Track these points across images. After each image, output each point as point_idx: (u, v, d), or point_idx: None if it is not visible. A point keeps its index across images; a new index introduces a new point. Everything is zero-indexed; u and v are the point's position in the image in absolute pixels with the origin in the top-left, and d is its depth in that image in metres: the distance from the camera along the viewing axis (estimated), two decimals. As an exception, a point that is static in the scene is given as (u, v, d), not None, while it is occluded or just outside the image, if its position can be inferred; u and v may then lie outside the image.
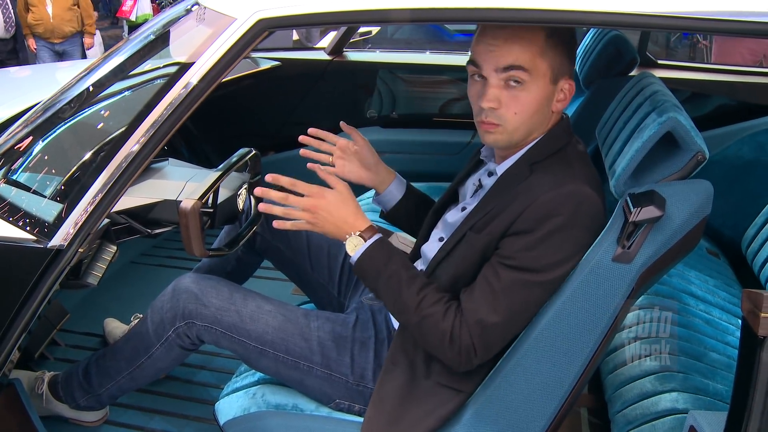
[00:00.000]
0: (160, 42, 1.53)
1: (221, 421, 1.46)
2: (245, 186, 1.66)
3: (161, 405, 1.85)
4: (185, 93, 1.21)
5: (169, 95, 1.21)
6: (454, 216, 1.38)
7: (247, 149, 1.66)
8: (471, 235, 1.25)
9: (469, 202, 1.37)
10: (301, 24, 1.19)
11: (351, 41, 3.12)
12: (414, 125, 3.06)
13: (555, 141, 1.26)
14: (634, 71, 2.51)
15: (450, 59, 3.19)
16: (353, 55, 3.10)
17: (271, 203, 1.26)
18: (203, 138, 3.00)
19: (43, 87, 2.14)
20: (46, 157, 1.54)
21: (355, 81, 3.16)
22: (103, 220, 1.29)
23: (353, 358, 1.42)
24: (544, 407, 1.23)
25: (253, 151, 1.67)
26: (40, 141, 1.52)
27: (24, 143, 1.51)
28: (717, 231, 2.29)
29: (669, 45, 5.89)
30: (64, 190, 1.37)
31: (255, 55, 3.01)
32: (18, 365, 1.68)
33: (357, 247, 1.24)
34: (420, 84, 3.25)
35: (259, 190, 1.24)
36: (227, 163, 1.57)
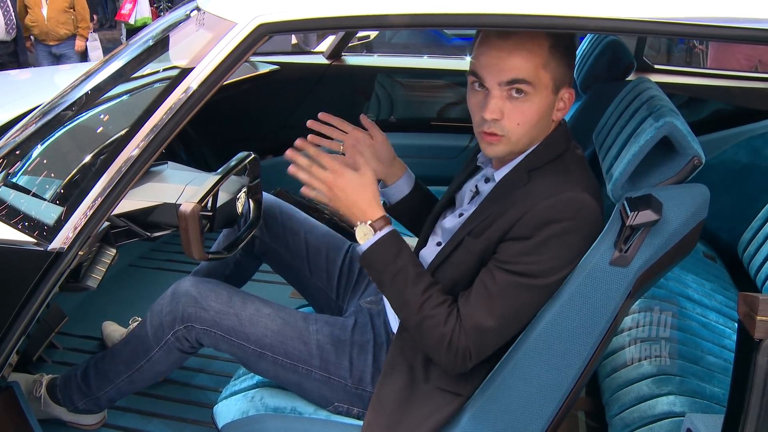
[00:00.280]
0: (160, 46, 1.53)
1: (220, 425, 1.46)
2: (244, 189, 1.66)
3: (159, 408, 1.85)
4: (185, 98, 1.20)
5: (169, 100, 1.21)
6: (451, 222, 1.38)
7: (246, 153, 1.66)
8: (469, 241, 1.25)
9: (467, 208, 1.37)
10: (301, 29, 1.19)
11: (349, 45, 3.13)
12: (412, 129, 3.07)
13: (553, 148, 1.25)
14: (631, 76, 2.53)
15: (448, 63, 3.20)
16: (352, 60, 3.11)
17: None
18: (202, 141, 3.01)
19: (44, 90, 2.14)
20: (45, 161, 1.54)
21: (354, 85, 3.16)
22: (103, 223, 1.29)
23: (352, 361, 1.42)
24: (541, 410, 1.23)
25: (252, 155, 1.67)
26: (40, 144, 1.53)
27: (24, 146, 1.52)
28: (713, 235, 2.30)
29: (670, 51, 5.91)
30: (64, 193, 1.38)
31: (254, 59, 3.02)
32: (16, 368, 1.68)
33: (366, 237, 1.23)
34: (418, 88, 3.26)
35: (291, 151, 1.28)
36: (226, 167, 1.57)
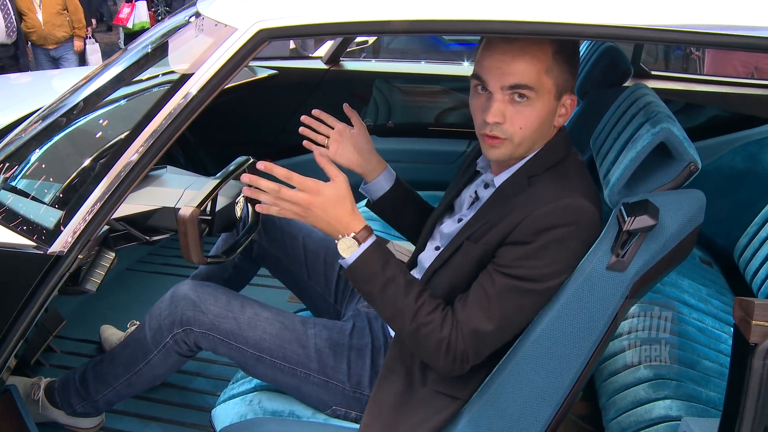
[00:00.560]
0: (160, 51, 1.54)
1: (218, 428, 1.46)
2: (243, 194, 1.67)
3: (158, 412, 1.85)
4: (185, 103, 1.21)
5: (169, 105, 1.22)
6: (450, 227, 1.39)
7: (245, 157, 1.67)
8: (468, 245, 1.25)
9: (466, 213, 1.38)
10: (301, 34, 1.20)
11: (347, 50, 3.14)
12: (410, 134, 3.07)
13: (554, 154, 1.26)
14: (628, 82, 2.54)
15: (446, 69, 3.21)
16: (350, 65, 3.12)
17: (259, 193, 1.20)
18: (200, 146, 3.01)
19: (44, 94, 2.14)
20: (45, 164, 1.54)
21: (352, 90, 3.17)
22: (103, 227, 1.29)
23: (350, 365, 1.42)
24: (539, 414, 1.23)
25: (251, 159, 1.67)
26: (40, 148, 1.53)
27: (24, 150, 1.52)
28: (710, 240, 2.31)
29: (667, 58, 5.93)
30: (63, 197, 1.38)
31: (252, 64, 3.02)
32: (14, 372, 1.69)
33: (350, 250, 1.20)
34: (416, 93, 3.26)
35: (247, 176, 1.17)
36: (225, 171, 1.57)
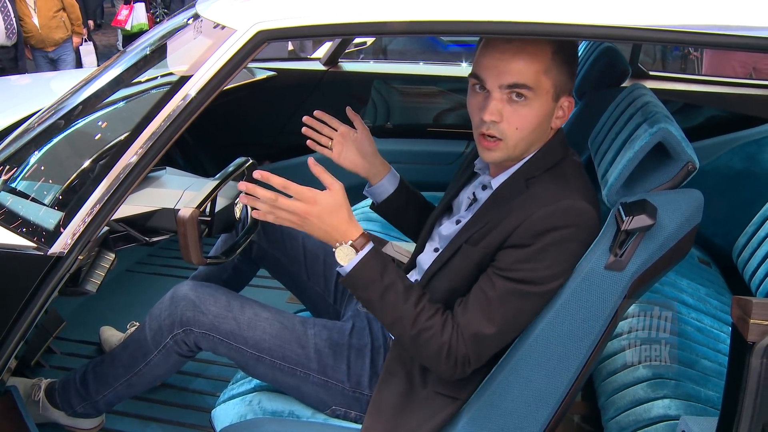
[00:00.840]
0: (159, 53, 1.54)
1: (217, 428, 1.46)
2: (240, 201, 1.67)
3: (157, 412, 1.85)
4: (184, 104, 1.21)
5: (168, 107, 1.22)
6: (448, 228, 1.39)
7: (244, 158, 1.67)
8: (466, 248, 1.25)
9: (464, 215, 1.37)
10: (300, 35, 1.20)
11: (345, 51, 3.15)
12: (408, 135, 3.08)
13: (551, 156, 1.26)
14: (626, 82, 2.54)
15: (444, 70, 3.21)
16: (348, 66, 3.12)
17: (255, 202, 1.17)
18: (199, 147, 3.01)
19: (44, 96, 2.15)
20: (45, 166, 1.55)
21: (350, 91, 3.17)
22: (103, 228, 1.29)
23: (349, 365, 1.43)
24: (538, 413, 1.23)
25: (250, 161, 1.68)
26: (39, 150, 1.53)
27: (24, 151, 1.52)
28: (708, 240, 2.31)
29: (665, 58, 5.94)
30: (63, 198, 1.39)
31: (251, 66, 3.03)
32: (14, 373, 1.69)
33: (348, 257, 1.20)
34: (414, 94, 3.26)
35: (245, 185, 1.16)
36: (224, 172, 1.58)
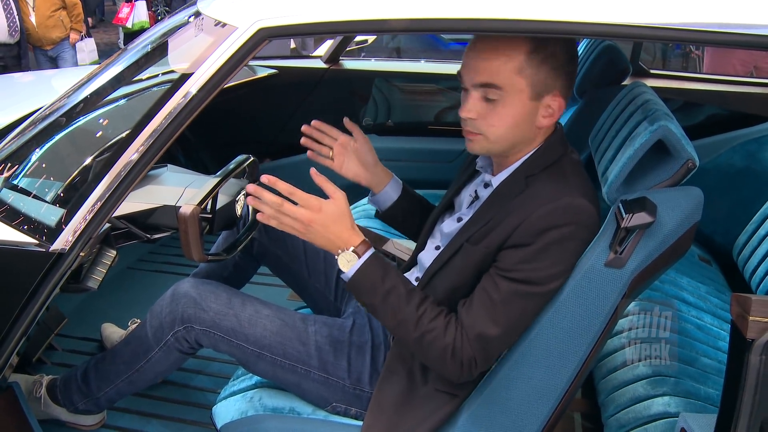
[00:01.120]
0: (160, 51, 1.54)
1: (218, 425, 1.47)
2: (243, 192, 1.67)
3: (158, 409, 1.86)
4: (185, 102, 1.21)
5: (169, 104, 1.22)
6: (450, 226, 1.39)
7: (246, 156, 1.67)
8: (468, 247, 1.26)
9: (465, 212, 1.38)
10: (301, 33, 1.20)
11: (347, 49, 3.15)
12: (409, 133, 3.08)
13: (550, 153, 1.26)
14: (626, 80, 2.54)
15: (445, 68, 3.21)
16: (349, 64, 3.12)
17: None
18: (200, 145, 3.02)
19: (46, 93, 2.15)
20: (47, 163, 1.55)
21: (351, 89, 3.18)
22: (104, 225, 1.30)
23: (350, 362, 1.43)
24: (538, 411, 1.24)
25: (252, 158, 1.68)
26: (41, 147, 1.54)
27: (25, 149, 1.53)
28: (709, 238, 2.31)
29: (665, 56, 5.94)
30: (65, 195, 1.39)
31: (252, 63, 3.03)
32: (16, 369, 1.69)
33: (350, 263, 1.22)
34: (415, 92, 3.26)
35: (252, 187, 1.19)
36: (225, 170, 1.58)
